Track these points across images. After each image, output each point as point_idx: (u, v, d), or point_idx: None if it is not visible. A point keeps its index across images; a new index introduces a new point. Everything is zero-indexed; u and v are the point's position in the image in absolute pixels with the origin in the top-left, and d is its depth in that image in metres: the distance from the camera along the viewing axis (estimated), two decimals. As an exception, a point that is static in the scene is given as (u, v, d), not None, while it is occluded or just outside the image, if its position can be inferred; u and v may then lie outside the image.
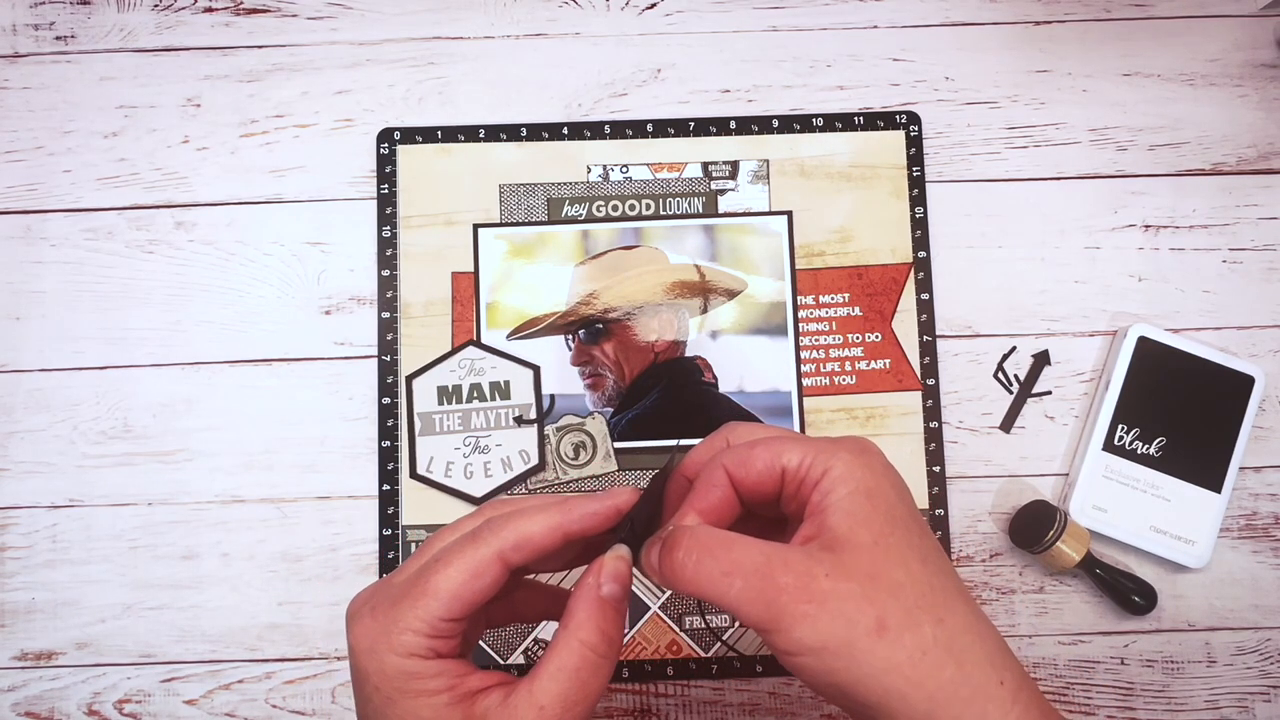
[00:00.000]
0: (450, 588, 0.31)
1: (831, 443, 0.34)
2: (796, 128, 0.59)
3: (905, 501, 0.33)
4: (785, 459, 0.33)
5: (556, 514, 0.33)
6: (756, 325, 0.57)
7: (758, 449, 0.34)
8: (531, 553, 0.32)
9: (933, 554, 0.32)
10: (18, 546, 0.56)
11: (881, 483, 0.33)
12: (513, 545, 0.32)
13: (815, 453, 0.33)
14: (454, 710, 0.31)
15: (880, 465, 0.33)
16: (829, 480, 0.32)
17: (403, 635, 0.31)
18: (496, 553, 0.32)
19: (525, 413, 0.56)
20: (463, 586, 0.31)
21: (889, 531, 0.31)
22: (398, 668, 0.31)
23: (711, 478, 0.34)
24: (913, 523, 0.33)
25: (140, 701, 0.54)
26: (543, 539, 0.33)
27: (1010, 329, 0.58)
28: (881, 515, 0.32)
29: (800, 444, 0.33)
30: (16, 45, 0.60)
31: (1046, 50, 0.60)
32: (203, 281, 0.58)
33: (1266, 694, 0.54)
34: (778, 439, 0.34)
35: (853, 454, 0.33)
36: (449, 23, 0.60)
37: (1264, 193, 0.58)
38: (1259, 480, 0.56)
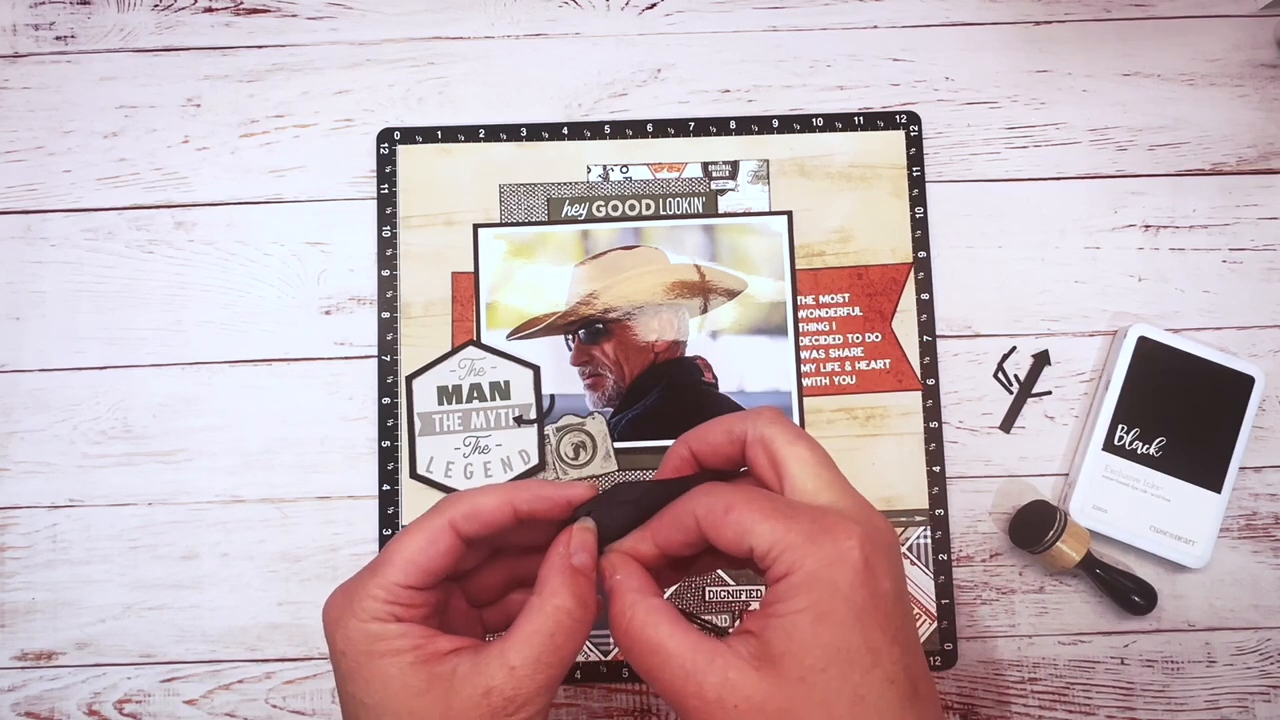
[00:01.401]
0: (406, 555, 0.33)
1: (806, 533, 0.30)
2: (796, 128, 0.59)
3: (866, 621, 0.30)
4: (754, 540, 0.31)
5: (508, 490, 0.34)
6: (756, 325, 0.57)
7: (731, 516, 0.32)
8: (482, 524, 0.34)
9: (875, 689, 0.29)
10: (18, 546, 0.56)
11: (838, 606, 0.29)
12: (463, 515, 0.34)
13: (783, 547, 0.30)
14: (420, 669, 0.32)
15: (849, 580, 0.30)
16: (786, 586, 0.30)
17: (364, 602, 0.33)
18: (448, 520, 0.34)
19: (525, 413, 0.56)
20: (417, 553, 0.33)
21: (823, 667, 0.29)
22: (362, 631, 0.33)
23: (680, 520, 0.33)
24: (861, 653, 0.29)
25: (140, 701, 0.54)
26: (493, 511, 0.34)
27: (1010, 329, 0.58)
28: (821, 646, 0.29)
29: (772, 524, 0.31)
30: (16, 45, 0.60)
31: (1046, 50, 0.60)
32: (203, 281, 0.58)
33: (1266, 694, 0.54)
34: (750, 511, 0.31)
35: (821, 562, 0.30)
36: (449, 23, 0.60)
37: (1264, 193, 0.58)
38: (1259, 480, 0.56)
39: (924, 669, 0.31)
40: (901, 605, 0.31)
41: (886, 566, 0.31)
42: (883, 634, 0.30)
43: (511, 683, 0.32)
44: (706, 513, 0.33)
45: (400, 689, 0.32)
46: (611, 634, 0.32)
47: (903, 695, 0.30)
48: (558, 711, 0.55)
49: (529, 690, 0.32)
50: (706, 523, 0.32)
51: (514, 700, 0.32)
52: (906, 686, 0.30)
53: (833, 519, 0.31)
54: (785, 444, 0.34)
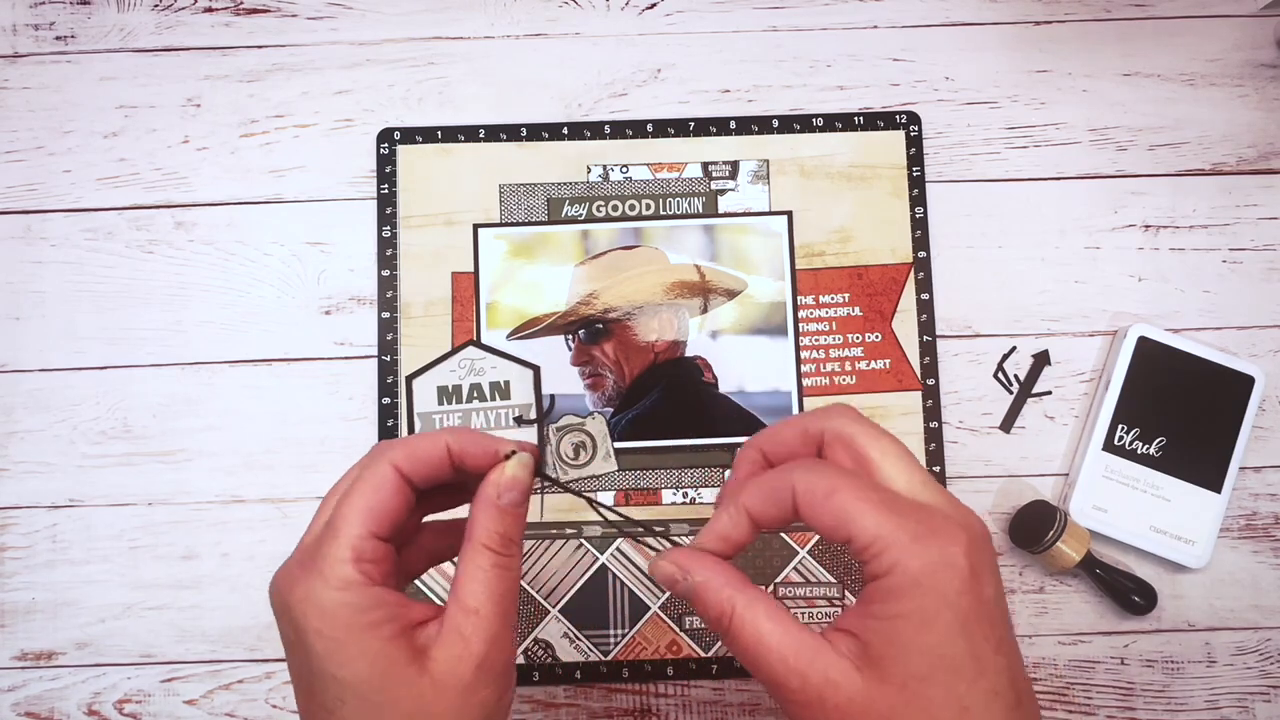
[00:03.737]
0: (358, 506, 0.32)
1: (912, 531, 0.29)
2: (796, 128, 0.59)
3: (971, 629, 0.29)
4: (856, 531, 0.30)
5: (442, 432, 0.34)
6: (756, 325, 0.57)
7: (834, 501, 0.30)
8: (421, 464, 0.33)
9: (980, 700, 0.29)
10: (18, 546, 0.56)
11: (944, 613, 0.28)
12: (403, 456, 0.33)
13: (888, 542, 0.29)
14: (400, 643, 0.31)
15: (956, 585, 0.29)
16: (887, 588, 0.29)
17: (332, 566, 0.31)
18: (389, 464, 0.33)
19: (525, 413, 0.56)
20: (368, 501, 0.32)
21: (927, 674, 0.28)
22: (337, 601, 0.31)
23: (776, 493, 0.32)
24: (967, 660, 0.29)
25: (140, 701, 0.54)
26: (428, 450, 0.33)
27: (1010, 329, 0.58)
28: (926, 653, 0.28)
29: (877, 517, 0.29)
30: (16, 45, 0.60)
31: (1046, 50, 0.60)
32: (203, 281, 0.58)
33: (1266, 694, 0.54)
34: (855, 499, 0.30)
35: (927, 564, 0.29)
36: (449, 23, 0.60)
37: (1264, 193, 0.58)
38: (1259, 480, 0.56)
39: (1026, 679, 0.31)
40: (1004, 612, 0.30)
41: (990, 573, 0.30)
42: (987, 643, 0.29)
43: (481, 627, 0.31)
44: (806, 490, 0.31)
45: (388, 664, 0.31)
46: (711, 628, 0.32)
47: (1007, 707, 0.29)
48: (557, 711, 0.55)
49: (497, 628, 0.32)
50: (804, 501, 0.31)
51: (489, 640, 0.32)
52: (1011, 698, 0.29)
53: (939, 520, 0.30)
54: (870, 440, 0.32)
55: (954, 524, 0.30)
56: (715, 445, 0.56)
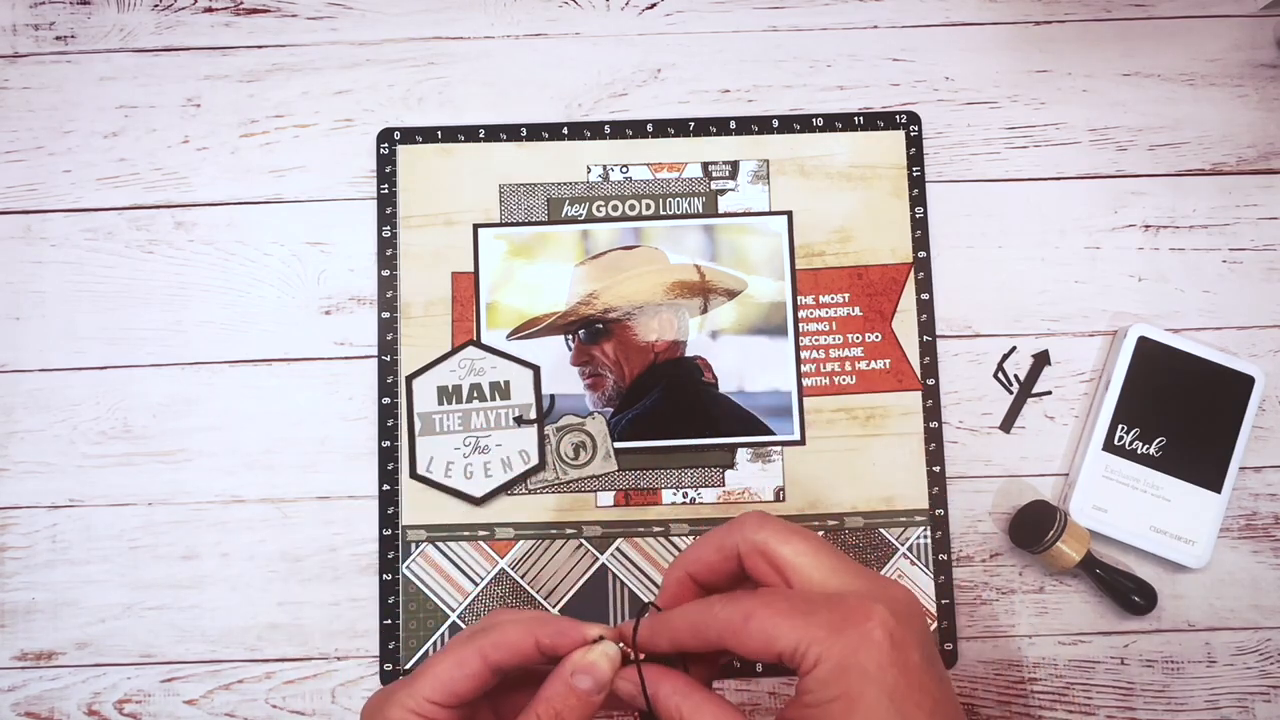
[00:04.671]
0: (437, 672, 0.35)
1: (829, 625, 0.31)
2: (796, 128, 0.59)
3: (899, 698, 0.30)
4: (779, 644, 0.31)
5: (535, 623, 0.36)
6: (756, 325, 0.57)
7: (752, 624, 0.32)
8: (509, 652, 0.35)
9: None
10: (18, 546, 0.56)
11: (868, 690, 0.30)
12: (492, 643, 0.35)
13: (807, 643, 0.31)
14: None
15: (876, 661, 0.30)
16: (815, 679, 0.30)
17: (394, 710, 0.35)
18: (477, 648, 0.35)
19: (525, 413, 0.56)
20: (446, 672, 0.35)
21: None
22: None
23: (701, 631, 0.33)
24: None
25: (140, 701, 0.54)
26: (518, 640, 0.35)
27: (1010, 329, 0.58)
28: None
29: (792, 622, 0.31)
30: (16, 45, 0.60)
31: (1046, 50, 0.60)
32: (203, 281, 0.58)
33: (1266, 694, 0.54)
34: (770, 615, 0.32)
35: (846, 649, 0.30)
36: (449, 23, 0.60)
37: (1264, 193, 0.58)
38: (1259, 480, 0.56)
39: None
40: (935, 673, 0.31)
41: (914, 638, 0.31)
42: (919, 709, 0.30)
43: None
44: (727, 625, 0.32)
45: None
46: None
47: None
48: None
49: None
50: (729, 635, 0.32)
51: None
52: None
53: (851, 603, 0.31)
54: (779, 544, 0.34)
55: (866, 602, 0.31)
56: (715, 445, 0.56)
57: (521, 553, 0.55)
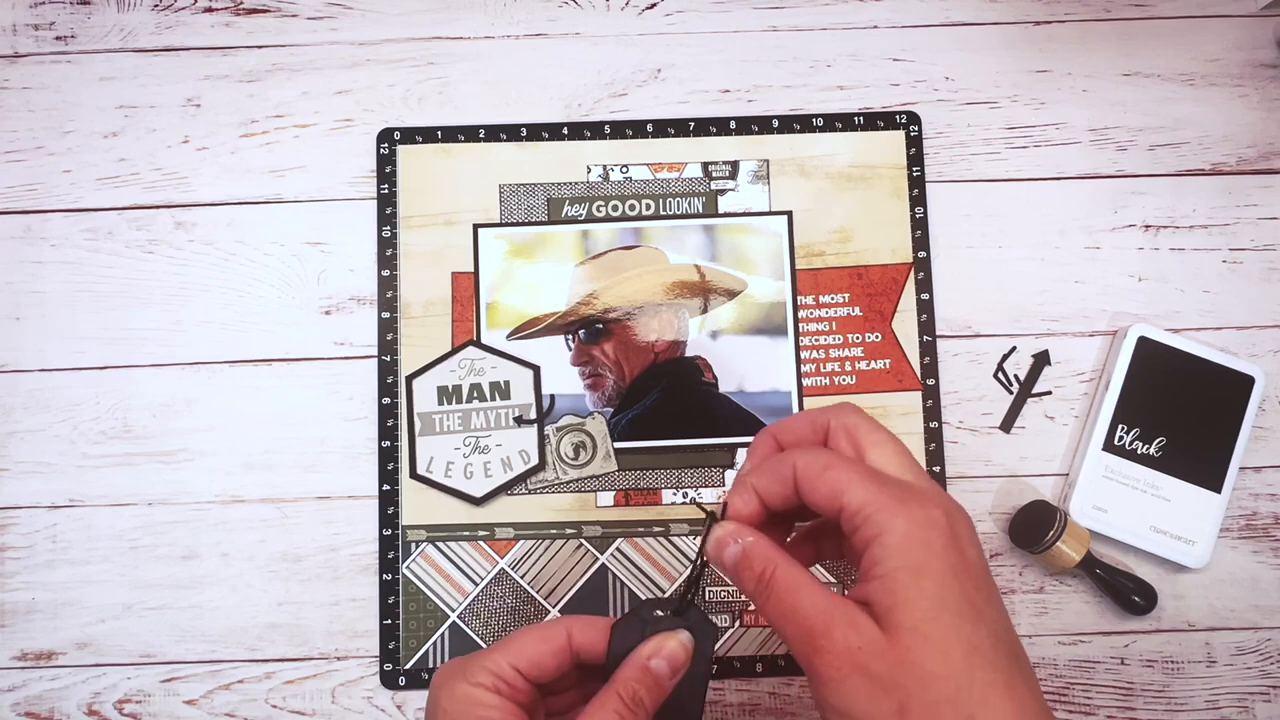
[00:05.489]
0: (523, 642, 0.37)
1: (897, 497, 0.33)
2: (796, 128, 0.59)
3: (963, 579, 0.32)
4: (847, 498, 0.33)
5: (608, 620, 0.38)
6: (756, 325, 0.57)
7: (830, 473, 0.34)
8: (596, 635, 0.37)
9: (985, 641, 0.31)
10: (18, 546, 0.56)
11: (934, 562, 0.32)
12: (579, 627, 0.38)
13: (875, 507, 0.32)
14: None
15: (940, 541, 0.32)
16: (879, 548, 0.32)
17: (476, 671, 0.36)
18: (564, 625, 0.37)
19: (525, 413, 0.56)
20: (532, 644, 0.37)
21: (934, 616, 0.31)
22: (466, 693, 0.36)
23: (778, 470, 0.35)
24: (965, 607, 0.31)
25: (140, 701, 0.54)
26: (604, 626, 0.38)
27: (1010, 329, 0.58)
28: (927, 598, 0.31)
29: (866, 484, 0.33)
30: (16, 45, 0.60)
31: (1046, 50, 0.60)
32: (203, 281, 0.58)
33: (1266, 694, 0.54)
34: (847, 470, 0.34)
35: (912, 522, 0.32)
36: (449, 23, 0.60)
37: (1264, 193, 0.58)
38: (1259, 480, 0.56)
39: (1020, 643, 0.33)
40: (989, 577, 0.33)
41: (970, 538, 0.33)
42: (978, 593, 0.32)
43: None
44: (805, 467, 0.34)
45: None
46: (750, 592, 0.35)
47: (1010, 653, 0.32)
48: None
49: None
50: (804, 476, 0.34)
51: None
52: (1012, 645, 0.32)
53: (919, 492, 0.33)
54: (868, 432, 0.36)
55: (932, 497, 0.33)
56: (715, 445, 0.56)
57: (521, 553, 0.55)
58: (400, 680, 0.54)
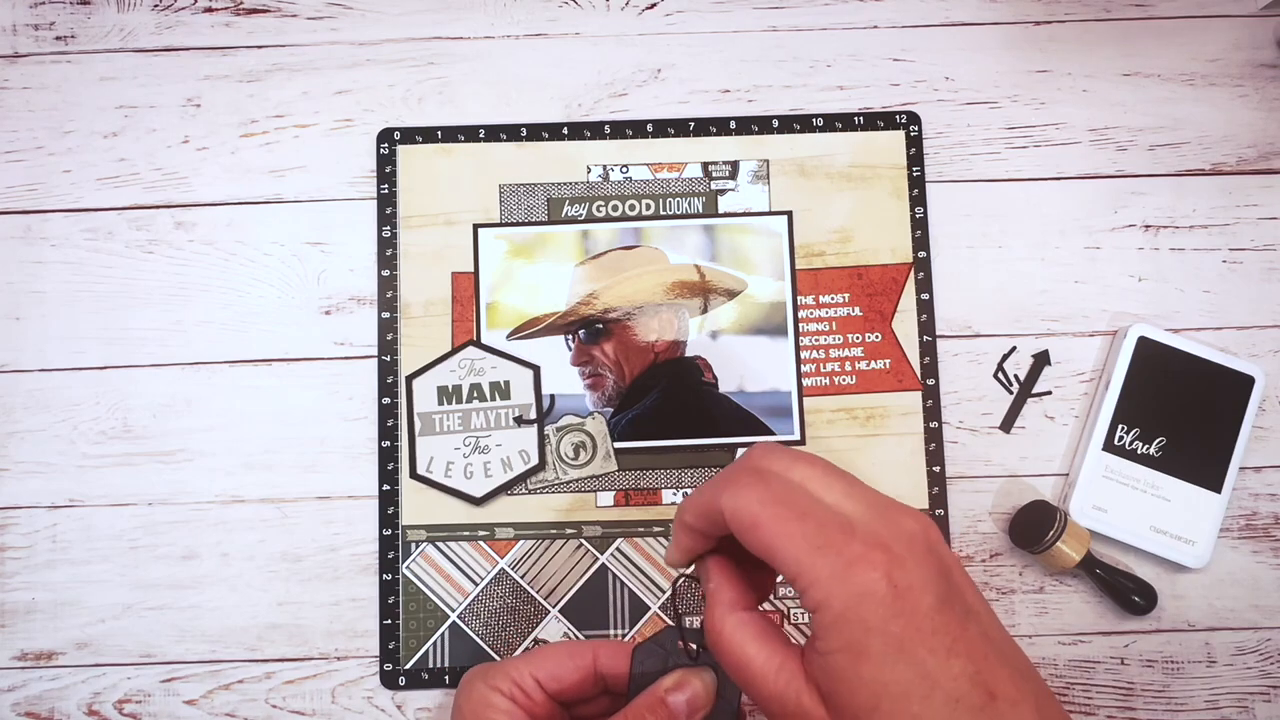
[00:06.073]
0: (548, 654, 0.38)
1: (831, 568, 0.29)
2: (796, 128, 0.59)
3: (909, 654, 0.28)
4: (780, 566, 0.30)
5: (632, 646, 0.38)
6: (756, 325, 0.57)
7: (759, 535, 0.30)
8: (618, 657, 0.37)
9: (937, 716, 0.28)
10: (18, 546, 0.56)
11: (872, 643, 0.28)
12: (607, 650, 0.38)
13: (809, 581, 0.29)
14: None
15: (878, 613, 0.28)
16: (819, 623, 0.29)
17: (496, 677, 0.37)
18: (592, 645, 0.38)
19: (525, 413, 0.56)
20: (556, 659, 0.37)
21: (874, 705, 0.28)
22: (481, 695, 0.37)
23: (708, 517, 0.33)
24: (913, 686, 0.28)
25: (140, 701, 0.54)
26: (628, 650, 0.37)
27: (1010, 329, 0.58)
28: (867, 685, 0.28)
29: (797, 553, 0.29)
30: (16, 45, 0.60)
31: (1046, 50, 0.60)
32: (203, 281, 0.58)
33: (1266, 694, 0.54)
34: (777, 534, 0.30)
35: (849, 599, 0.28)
36: (449, 23, 0.60)
37: (1264, 193, 0.58)
38: (1259, 480, 0.56)
39: (1000, 661, 0.29)
40: (955, 610, 0.29)
41: (922, 579, 0.29)
42: (934, 655, 0.28)
43: None
44: (733, 518, 0.31)
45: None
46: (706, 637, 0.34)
47: (973, 709, 0.28)
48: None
49: None
50: (734, 529, 0.31)
51: None
52: (977, 698, 0.28)
53: (856, 545, 0.29)
54: (786, 468, 0.32)
55: (871, 545, 0.29)
56: (715, 445, 0.56)
57: (521, 553, 0.55)
58: (400, 680, 0.54)
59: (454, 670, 0.54)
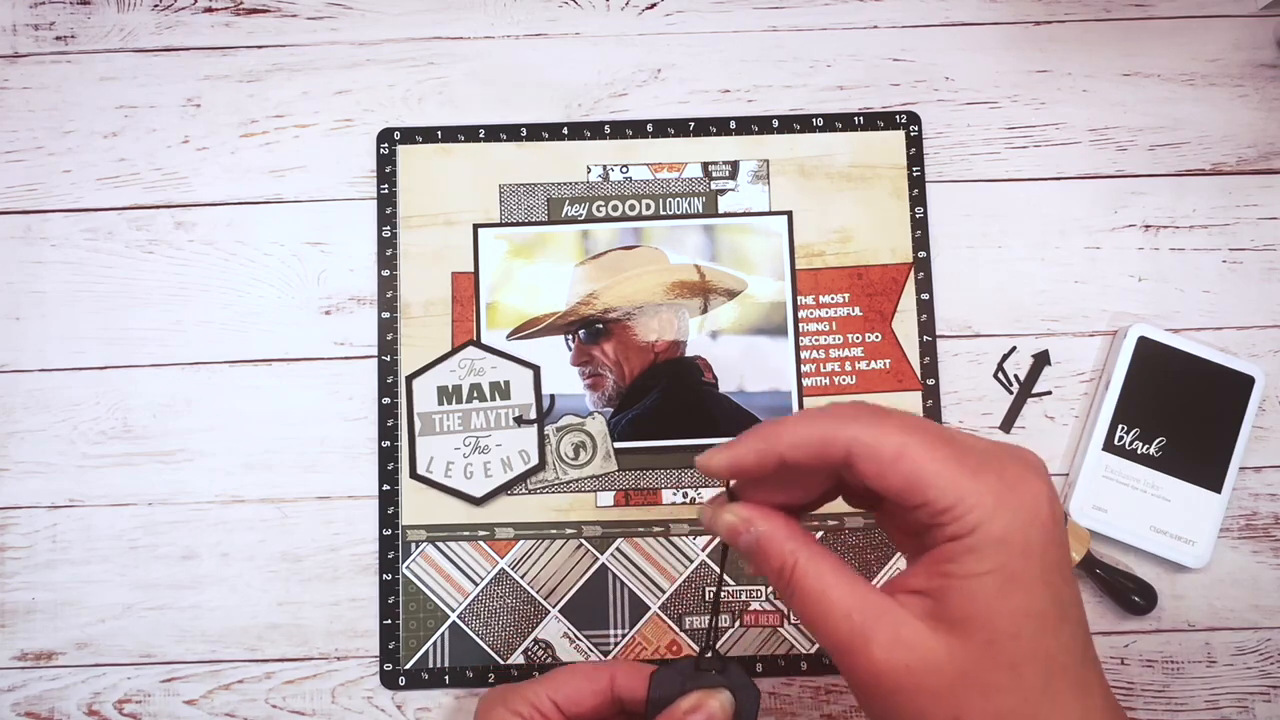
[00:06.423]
0: (566, 678, 0.38)
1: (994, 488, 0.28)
2: (796, 128, 0.59)
3: (1053, 579, 0.28)
4: (933, 494, 0.28)
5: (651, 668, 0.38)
6: (756, 325, 0.57)
7: (904, 464, 0.28)
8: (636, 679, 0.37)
9: (1065, 645, 0.28)
10: (18, 546, 0.56)
11: (1030, 567, 0.27)
12: (622, 672, 0.38)
13: (970, 504, 0.27)
14: None
15: (1041, 538, 0.28)
16: (966, 546, 0.28)
17: (515, 700, 0.37)
18: (610, 669, 0.38)
19: (525, 413, 0.56)
20: (574, 682, 0.38)
21: (1015, 631, 0.27)
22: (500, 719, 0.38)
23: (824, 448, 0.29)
24: (1051, 612, 0.28)
25: (140, 701, 0.54)
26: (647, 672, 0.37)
27: (1010, 329, 0.58)
28: (1011, 612, 0.27)
29: (956, 477, 0.28)
30: (16, 45, 0.60)
31: (1046, 50, 0.60)
32: (203, 281, 0.58)
33: (1266, 694, 0.54)
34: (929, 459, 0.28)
35: (1014, 519, 0.27)
36: (449, 23, 0.60)
37: (1264, 193, 0.58)
38: (1259, 480, 0.56)
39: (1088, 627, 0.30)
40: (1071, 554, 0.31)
41: (1060, 510, 0.29)
42: (1066, 585, 0.28)
43: None
44: (868, 451, 0.28)
45: None
46: (773, 585, 0.31)
47: (1084, 649, 0.29)
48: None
49: None
50: (865, 461, 0.29)
51: None
52: (1086, 640, 0.29)
53: (1016, 472, 0.28)
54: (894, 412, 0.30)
55: (1031, 474, 0.29)
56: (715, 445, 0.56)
57: (521, 553, 0.55)
58: (400, 680, 0.54)
59: (454, 670, 0.54)
